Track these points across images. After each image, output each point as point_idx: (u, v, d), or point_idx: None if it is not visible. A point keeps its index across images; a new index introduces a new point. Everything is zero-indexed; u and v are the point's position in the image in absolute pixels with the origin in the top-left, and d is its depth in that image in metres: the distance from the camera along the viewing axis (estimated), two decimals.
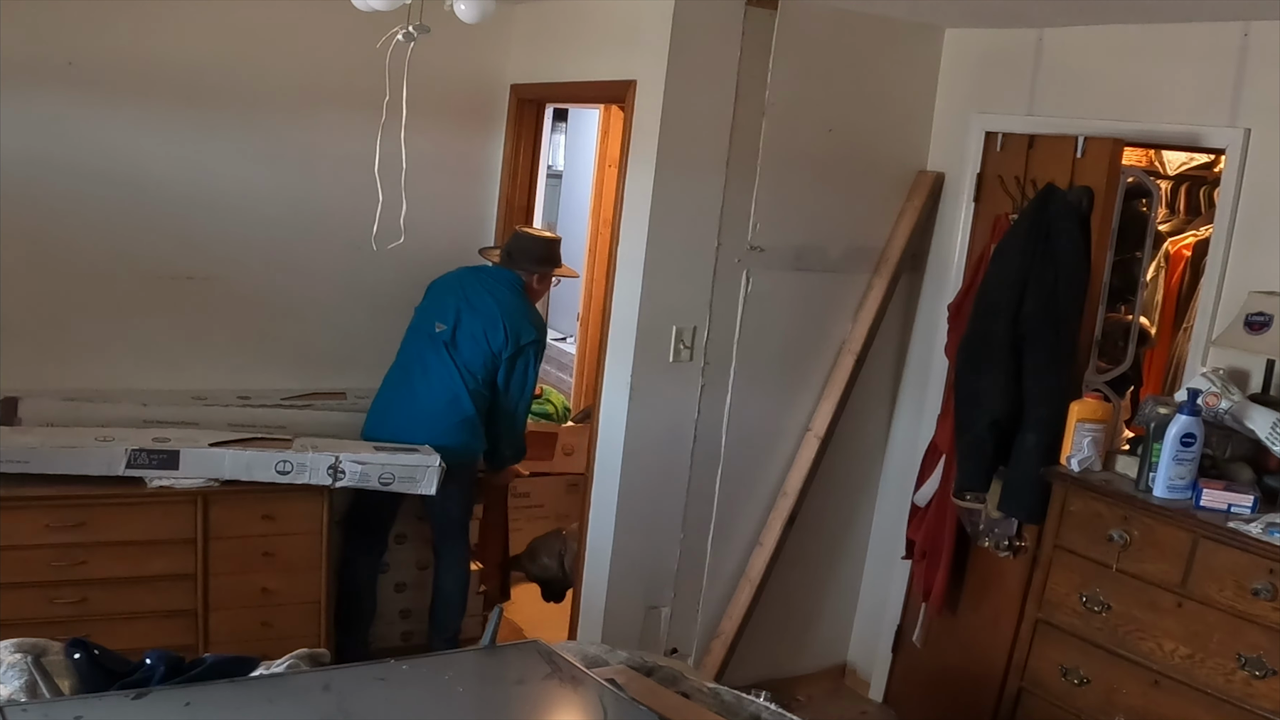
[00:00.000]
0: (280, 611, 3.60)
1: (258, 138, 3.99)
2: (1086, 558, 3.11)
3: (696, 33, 3.52)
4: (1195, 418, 2.89)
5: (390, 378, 4.01)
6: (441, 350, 3.89)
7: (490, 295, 3.96)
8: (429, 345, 3.92)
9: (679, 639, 3.97)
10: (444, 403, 3.87)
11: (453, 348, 3.88)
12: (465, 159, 4.41)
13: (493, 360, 3.90)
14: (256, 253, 4.06)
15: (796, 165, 3.79)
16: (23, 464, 3.26)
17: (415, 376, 3.92)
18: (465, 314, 3.91)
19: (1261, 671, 2.68)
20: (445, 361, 3.88)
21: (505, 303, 3.95)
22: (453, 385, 3.87)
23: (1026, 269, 3.41)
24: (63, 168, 3.71)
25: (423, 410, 3.86)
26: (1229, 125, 3.20)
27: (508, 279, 4.02)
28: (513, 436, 4.08)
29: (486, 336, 3.88)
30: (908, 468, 4.09)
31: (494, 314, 3.91)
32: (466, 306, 3.93)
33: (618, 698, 1.95)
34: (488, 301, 3.94)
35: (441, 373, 3.88)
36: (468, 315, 3.91)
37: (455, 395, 3.86)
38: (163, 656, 1.84)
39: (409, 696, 1.90)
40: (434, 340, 3.91)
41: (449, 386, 3.87)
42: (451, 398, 3.86)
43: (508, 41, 4.38)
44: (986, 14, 3.72)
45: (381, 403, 3.97)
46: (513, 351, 3.90)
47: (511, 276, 4.02)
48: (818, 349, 4.02)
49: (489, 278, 4.03)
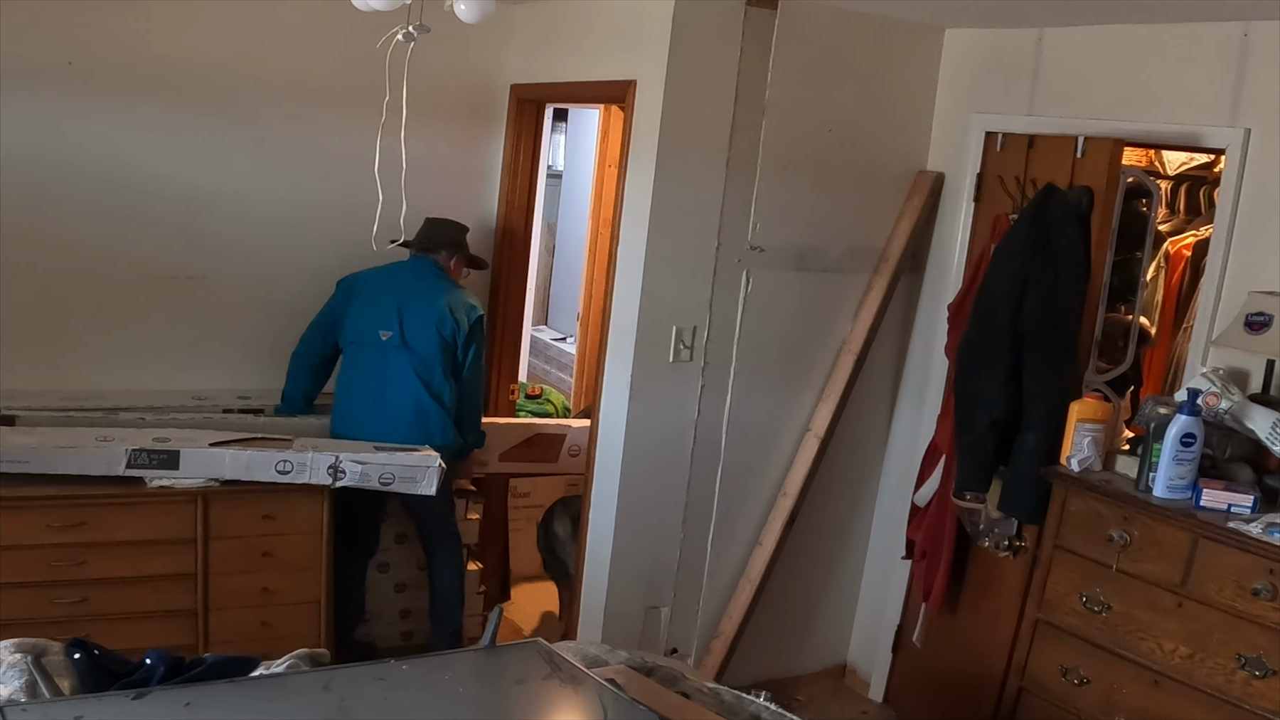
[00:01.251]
0: (280, 611, 3.60)
1: (258, 138, 3.99)
2: (1086, 558, 3.11)
3: (696, 33, 3.52)
4: (1195, 418, 2.89)
5: (346, 390, 3.92)
6: (393, 355, 3.83)
7: (426, 286, 3.91)
8: (379, 353, 3.85)
9: (679, 639, 3.98)
10: (410, 409, 3.82)
11: (405, 350, 3.83)
12: (465, 159, 4.41)
13: (448, 349, 3.86)
14: (257, 253, 4.06)
15: (796, 165, 3.79)
16: (23, 464, 3.26)
17: (373, 387, 3.85)
18: (407, 313, 3.85)
19: (1261, 671, 2.68)
20: (400, 366, 3.82)
21: (443, 290, 3.91)
22: (413, 389, 3.82)
23: (1026, 269, 3.41)
24: (63, 168, 3.71)
25: (389, 418, 3.80)
26: (1229, 125, 3.20)
27: (430, 267, 3.97)
28: (474, 422, 4.06)
29: (438, 329, 3.84)
30: (908, 468, 4.09)
31: (438, 304, 3.86)
32: (406, 305, 3.86)
33: (618, 698, 1.95)
34: (426, 293, 3.89)
35: (399, 379, 3.83)
36: (410, 314, 3.85)
37: (418, 399, 3.83)
38: (163, 656, 1.84)
39: (409, 696, 1.90)
40: (383, 348, 3.84)
41: (410, 391, 3.82)
42: (415, 402, 3.82)
43: (508, 41, 4.38)
44: (986, 14, 3.72)
45: (346, 417, 3.88)
46: (465, 334, 3.88)
47: (433, 264, 3.98)
48: (818, 349, 4.02)
49: (414, 271, 3.96)
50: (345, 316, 3.94)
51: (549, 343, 7.52)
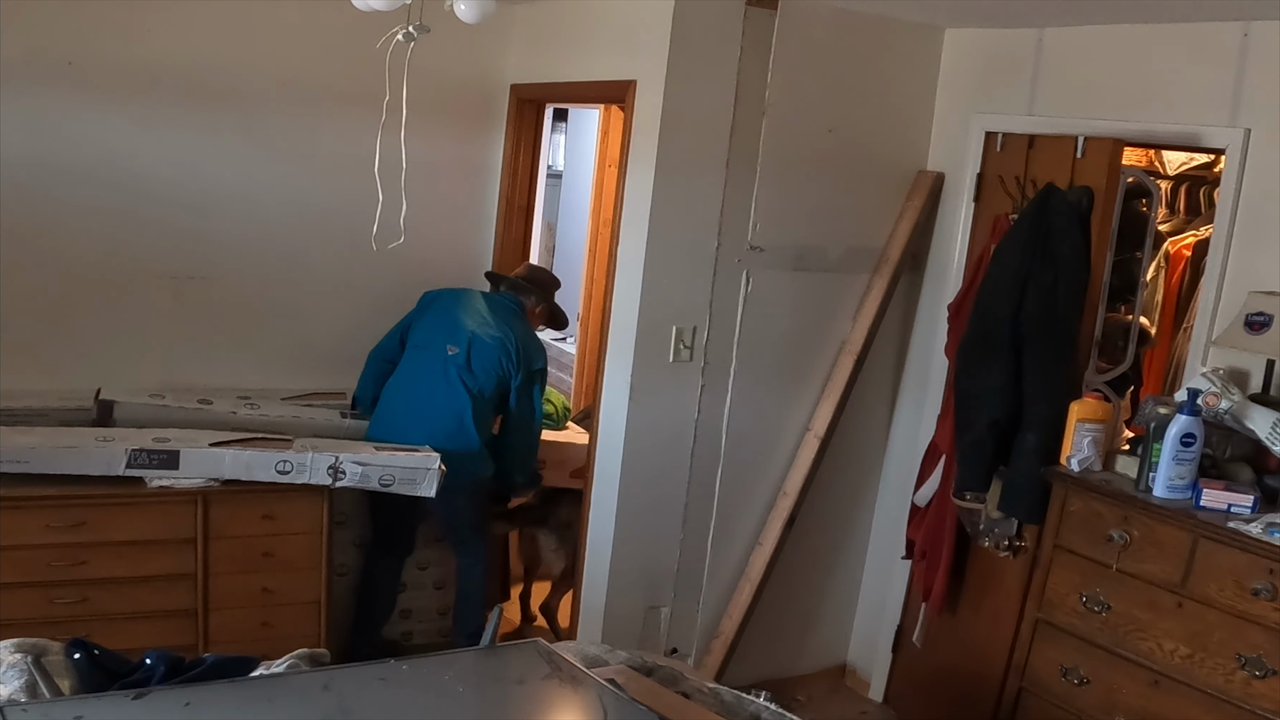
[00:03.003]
0: (280, 611, 3.60)
1: (258, 138, 3.99)
2: (1086, 558, 3.11)
3: (696, 33, 3.52)
4: (1195, 418, 2.89)
5: (396, 389, 3.97)
6: (453, 372, 3.86)
7: (503, 321, 3.96)
8: (439, 366, 3.88)
9: (679, 639, 3.97)
10: (452, 426, 3.84)
11: (465, 372, 3.86)
12: (465, 159, 4.41)
13: (503, 385, 3.90)
14: (256, 253, 4.06)
15: (796, 165, 3.79)
16: (23, 464, 3.25)
17: (422, 395, 3.88)
18: (478, 340, 3.88)
19: (1261, 671, 2.68)
20: (455, 384, 3.85)
21: (517, 329, 3.96)
22: (460, 408, 3.85)
23: (1026, 269, 3.41)
24: (63, 167, 3.70)
25: (429, 430, 3.82)
26: (1229, 125, 3.20)
27: (513, 305, 4.04)
28: (527, 464, 4.10)
29: (500, 362, 3.88)
30: (908, 468, 4.09)
31: (509, 339, 3.91)
32: (480, 331, 3.90)
33: (618, 698, 1.94)
34: (502, 327, 3.94)
35: (450, 395, 3.85)
36: (481, 341, 3.89)
37: (461, 419, 3.85)
38: (163, 656, 1.84)
39: (409, 696, 1.90)
40: (446, 362, 3.87)
41: (456, 410, 3.85)
42: (458, 421, 3.85)
43: (508, 41, 4.37)
44: (986, 14, 3.72)
45: (387, 414, 3.93)
46: (523, 379, 3.92)
47: (517, 303, 4.04)
48: (818, 349, 4.02)
49: (498, 304, 4.03)
50: (416, 327, 4.01)
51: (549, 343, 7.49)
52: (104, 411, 3.66)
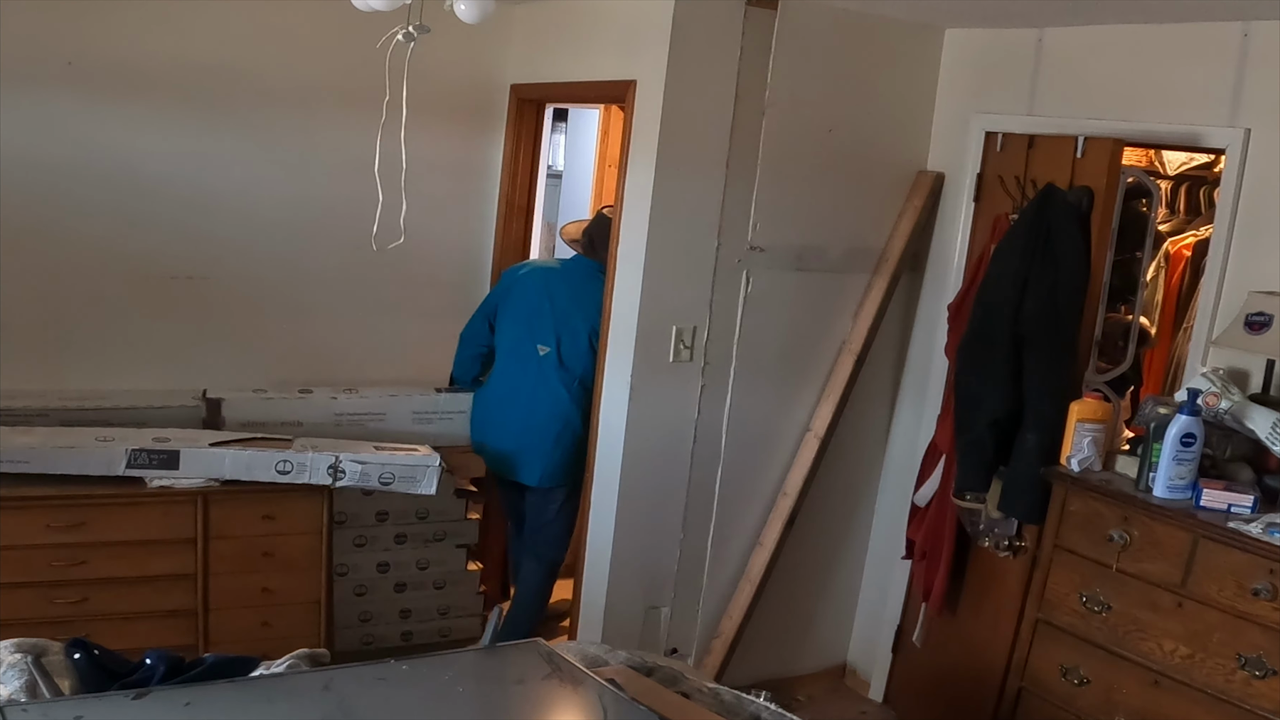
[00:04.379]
0: (280, 611, 3.60)
1: (258, 138, 3.99)
2: (1086, 558, 3.11)
3: (696, 33, 3.52)
4: (1195, 418, 2.89)
5: (496, 399, 3.98)
6: (548, 372, 3.86)
7: (584, 294, 3.88)
8: (534, 369, 3.88)
9: (679, 639, 3.97)
10: (558, 427, 3.87)
11: (559, 369, 3.85)
12: (465, 159, 4.41)
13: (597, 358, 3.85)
14: (257, 253, 4.06)
15: (796, 165, 3.79)
16: (23, 464, 3.26)
17: (523, 404, 3.89)
18: (565, 330, 3.87)
19: (1261, 671, 2.68)
20: (554, 386, 3.86)
21: (598, 299, 3.82)
22: (563, 410, 3.86)
23: (1026, 269, 3.40)
24: (63, 167, 3.71)
25: (534, 439, 3.85)
26: (1229, 125, 3.20)
27: (593, 273, 3.90)
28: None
29: (590, 343, 3.85)
30: (908, 468, 4.09)
31: (593, 316, 3.84)
32: (565, 319, 3.87)
33: (618, 698, 1.94)
34: (584, 303, 3.87)
35: (552, 400, 3.86)
36: (568, 331, 3.87)
37: (567, 419, 3.86)
38: (163, 656, 1.84)
39: (409, 696, 1.90)
40: (540, 364, 3.87)
41: (560, 414, 3.86)
42: (563, 422, 3.86)
43: (508, 41, 4.38)
44: (986, 14, 3.72)
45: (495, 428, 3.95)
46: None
47: (597, 269, 3.89)
48: (818, 349, 4.02)
49: (576, 278, 3.95)
50: (502, 319, 3.99)
51: None
52: (212, 409, 3.77)
